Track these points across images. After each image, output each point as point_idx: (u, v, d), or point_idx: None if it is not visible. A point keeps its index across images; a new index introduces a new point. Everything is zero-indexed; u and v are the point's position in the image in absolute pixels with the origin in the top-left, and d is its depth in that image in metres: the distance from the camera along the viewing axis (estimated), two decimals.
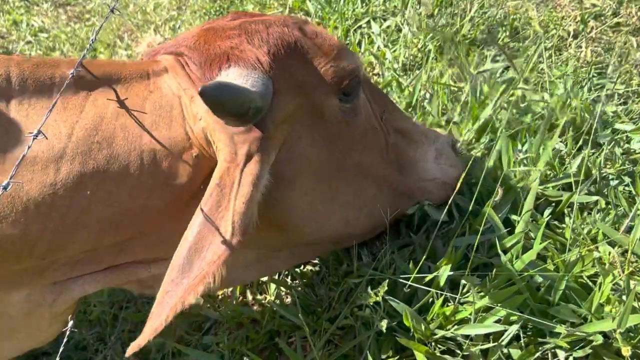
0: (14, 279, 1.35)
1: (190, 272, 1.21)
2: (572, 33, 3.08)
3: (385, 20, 3.25)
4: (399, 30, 3.12)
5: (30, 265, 1.31)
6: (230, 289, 2.12)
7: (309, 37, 1.49)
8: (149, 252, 1.50)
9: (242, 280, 1.89)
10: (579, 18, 3.19)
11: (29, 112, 1.25)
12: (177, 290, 1.20)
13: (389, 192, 1.74)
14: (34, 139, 1.12)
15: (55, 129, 1.26)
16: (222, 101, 1.22)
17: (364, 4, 3.38)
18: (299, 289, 1.90)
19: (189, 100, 1.35)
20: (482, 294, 1.61)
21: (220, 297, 2.11)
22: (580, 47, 2.95)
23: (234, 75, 1.32)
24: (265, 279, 2.02)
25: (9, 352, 1.57)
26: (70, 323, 1.45)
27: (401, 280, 1.70)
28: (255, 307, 2.00)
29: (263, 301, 2.01)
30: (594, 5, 3.27)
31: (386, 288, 1.64)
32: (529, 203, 1.76)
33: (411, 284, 1.67)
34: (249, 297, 2.06)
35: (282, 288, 1.98)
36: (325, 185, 1.58)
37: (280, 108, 1.37)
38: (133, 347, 1.20)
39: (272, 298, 1.98)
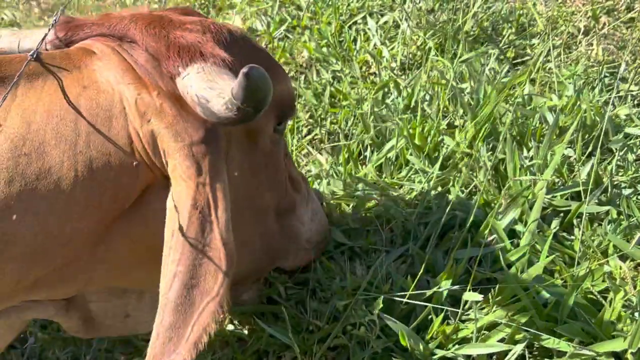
0: None
1: (192, 313, 1.14)
2: (582, 30, 3.10)
3: (382, 15, 3.26)
4: (397, 26, 3.13)
5: None
6: None
7: (264, 56, 1.48)
8: (63, 288, 1.37)
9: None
10: (590, 13, 3.21)
11: None
12: (183, 334, 1.13)
13: (274, 241, 1.70)
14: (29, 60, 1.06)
15: None
16: (264, 87, 1.12)
17: None
18: (288, 305, 1.91)
19: (135, 96, 1.24)
20: (485, 310, 1.62)
21: None
22: (591, 44, 2.98)
23: (211, 73, 1.23)
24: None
25: None
26: (30, 340, 1.44)
27: (398, 297, 1.70)
28: (241, 325, 2.00)
29: (249, 319, 2.02)
30: None
31: (381, 305, 1.65)
32: (535, 213, 1.77)
33: (409, 301, 1.67)
34: (235, 314, 2.06)
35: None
36: (238, 215, 1.42)
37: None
38: None
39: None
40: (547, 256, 1.66)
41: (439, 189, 2.05)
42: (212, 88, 1.18)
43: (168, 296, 1.15)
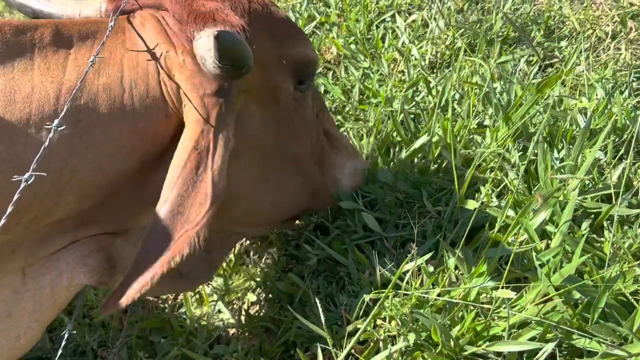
0: None
1: (173, 235, 1.31)
2: (610, 34, 3.10)
3: (410, 14, 3.27)
4: (426, 25, 3.14)
5: (6, 240, 1.36)
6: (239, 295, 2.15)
7: (282, 20, 1.66)
8: (110, 222, 1.57)
9: (194, 281, 1.90)
10: (616, 18, 3.20)
11: (15, 75, 1.33)
12: (160, 251, 1.30)
13: (311, 186, 1.94)
14: (90, 66, 1.25)
15: (43, 91, 1.33)
16: (234, 48, 1.35)
17: None
18: (317, 298, 1.92)
19: (164, 54, 1.45)
20: (516, 308, 1.62)
21: (232, 300, 2.13)
22: (619, 49, 2.97)
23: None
24: (282, 288, 2.04)
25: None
26: (69, 325, 1.47)
27: (428, 293, 1.71)
28: (269, 316, 2.02)
29: (277, 309, 2.03)
30: (632, 4, 3.29)
31: (413, 300, 1.66)
32: (567, 214, 1.77)
33: (440, 298, 1.68)
34: (263, 305, 2.08)
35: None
36: (264, 165, 1.74)
37: (245, 78, 1.48)
38: (109, 305, 1.30)
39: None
40: (579, 257, 1.66)
41: (470, 187, 2.06)
42: (209, 49, 1.37)
43: (157, 216, 1.33)
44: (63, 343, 1.41)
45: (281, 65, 1.64)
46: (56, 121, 1.18)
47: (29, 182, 1.07)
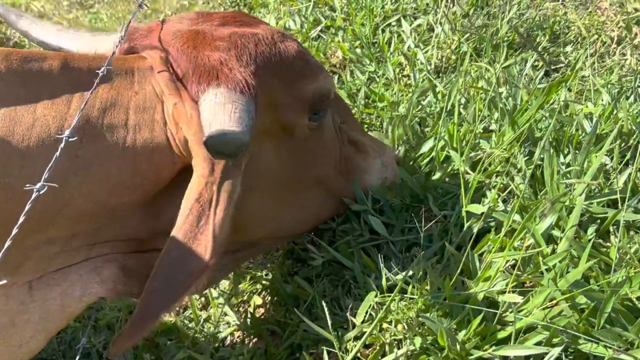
0: None
1: (173, 283, 1.35)
2: (615, 39, 3.11)
3: (416, 18, 3.28)
4: (431, 29, 3.15)
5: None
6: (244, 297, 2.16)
7: (293, 58, 1.64)
8: (124, 245, 1.61)
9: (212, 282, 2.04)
10: (621, 23, 3.21)
11: (17, 105, 1.34)
12: (162, 298, 1.35)
13: (336, 197, 2.02)
14: (100, 73, 1.28)
15: (44, 124, 1.35)
16: (222, 149, 1.37)
17: (394, 1, 3.42)
18: (323, 301, 1.93)
19: (172, 107, 1.48)
20: (522, 313, 1.63)
21: (238, 303, 2.14)
22: (624, 54, 2.98)
23: (223, 98, 1.44)
24: (288, 291, 2.05)
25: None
26: (83, 339, 1.49)
27: (434, 297, 1.72)
28: (275, 319, 2.03)
29: (283, 312, 2.04)
30: (637, 10, 3.29)
31: (419, 305, 1.67)
32: (573, 219, 1.78)
33: (446, 302, 1.69)
34: (269, 307, 2.09)
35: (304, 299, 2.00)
36: (283, 192, 1.80)
37: (256, 125, 1.49)
38: (115, 349, 1.38)
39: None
40: (586, 262, 1.67)
41: (476, 192, 2.06)
42: (213, 119, 1.41)
43: (160, 265, 1.37)
44: (77, 357, 1.43)
45: (295, 103, 1.66)
46: (67, 131, 1.20)
47: (41, 192, 1.08)
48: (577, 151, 2.05)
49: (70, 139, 1.21)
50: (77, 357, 1.42)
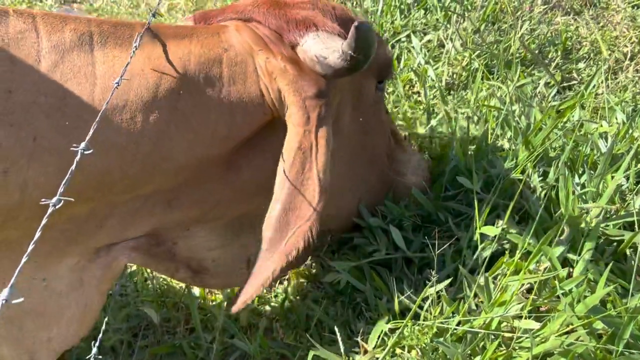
0: (68, 239, 1.54)
1: (287, 231, 1.50)
2: (628, 55, 3.11)
3: (425, 34, 3.29)
4: (442, 45, 3.15)
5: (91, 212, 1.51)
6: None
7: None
8: (192, 209, 1.71)
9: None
10: (634, 39, 3.22)
11: (115, 63, 1.44)
12: (278, 247, 1.49)
13: (385, 182, 2.09)
14: (115, 87, 1.31)
15: (143, 79, 1.46)
16: (370, 37, 1.46)
17: (403, 16, 3.42)
18: (333, 324, 1.92)
19: (264, 60, 1.59)
20: (539, 339, 1.62)
21: (246, 325, 2.13)
22: (638, 70, 2.98)
23: (325, 37, 1.58)
24: (298, 313, 2.04)
25: (53, 343, 1.65)
26: (94, 350, 1.50)
27: (449, 321, 1.71)
28: (284, 342, 2.02)
29: (294, 335, 2.03)
30: None
31: (434, 330, 1.66)
32: (590, 242, 1.77)
33: (461, 327, 1.68)
34: (279, 330, 2.08)
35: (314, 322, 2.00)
36: (351, 162, 1.91)
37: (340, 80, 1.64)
38: (239, 305, 1.54)
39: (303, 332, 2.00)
40: (604, 287, 1.66)
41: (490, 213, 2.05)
42: (327, 47, 1.53)
43: (271, 215, 1.52)
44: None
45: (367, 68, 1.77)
46: (83, 144, 1.20)
47: (56, 207, 1.08)
48: (592, 171, 2.05)
49: (85, 152, 1.22)
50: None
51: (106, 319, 2.21)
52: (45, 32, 1.40)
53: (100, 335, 1.47)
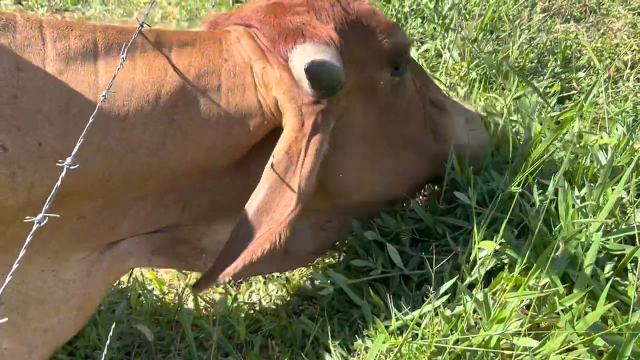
0: (79, 237, 1.58)
1: (257, 231, 1.54)
2: (629, 63, 3.11)
3: (423, 43, 3.30)
4: (439, 55, 3.16)
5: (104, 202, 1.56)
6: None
7: (367, 15, 1.79)
8: (207, 209, 1.77)
9: (302, 258, 2.12)
10: (635, 47, 3.22)
11: (118, 73, 1.45)
12: (245, 242, 1.53)
13: (427, 158, 2.09)
14: (102, 99, 1.34)
15: (143, 91, 1.49)
16: (323, 77, 1.55)
17: (400, 25, 3.43)
18: (330, 342, 1.91)
19: (261, 70, 1.63)
20: (538, 357, 1.61)
21: (240, 343, 2.12)
22: (639, 79, 2.98)
23: (311, 50, 1.59)
24: (294, 330, 2.03)
25: (49, 334, 1.68)
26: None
27: (447, 339, 1.71)
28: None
29: (291, 354, 2.02)
30: None
31: (432, 348, 1.65)
32: (590, 257, 1.76)
33: (459, 345, 1.68)
34: (274, 348, 2.07)
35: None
36: (373, 152, 1.91)
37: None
38: (202, 284, 1.62)
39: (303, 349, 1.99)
40: (604, 304, 1.65)
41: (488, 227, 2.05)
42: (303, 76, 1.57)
43: (246, 211, 1.57)
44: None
45: (375, 58, 1.79)
46: (69, 159, 1.21)
47: (41, 224, 1.08)
48: (592, 184, 2.04)
49: (71, 167, 1.22)
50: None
51: (98, 337, 2.21)
52: (50, 39, 1.45)
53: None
